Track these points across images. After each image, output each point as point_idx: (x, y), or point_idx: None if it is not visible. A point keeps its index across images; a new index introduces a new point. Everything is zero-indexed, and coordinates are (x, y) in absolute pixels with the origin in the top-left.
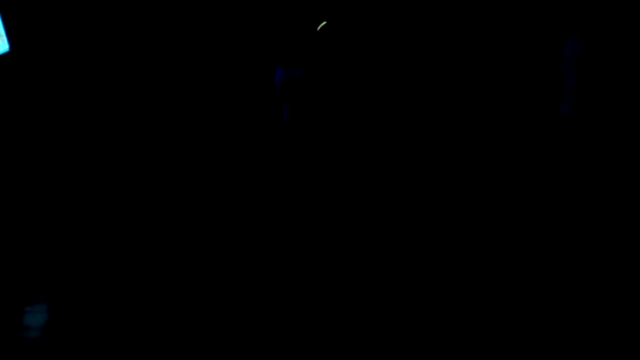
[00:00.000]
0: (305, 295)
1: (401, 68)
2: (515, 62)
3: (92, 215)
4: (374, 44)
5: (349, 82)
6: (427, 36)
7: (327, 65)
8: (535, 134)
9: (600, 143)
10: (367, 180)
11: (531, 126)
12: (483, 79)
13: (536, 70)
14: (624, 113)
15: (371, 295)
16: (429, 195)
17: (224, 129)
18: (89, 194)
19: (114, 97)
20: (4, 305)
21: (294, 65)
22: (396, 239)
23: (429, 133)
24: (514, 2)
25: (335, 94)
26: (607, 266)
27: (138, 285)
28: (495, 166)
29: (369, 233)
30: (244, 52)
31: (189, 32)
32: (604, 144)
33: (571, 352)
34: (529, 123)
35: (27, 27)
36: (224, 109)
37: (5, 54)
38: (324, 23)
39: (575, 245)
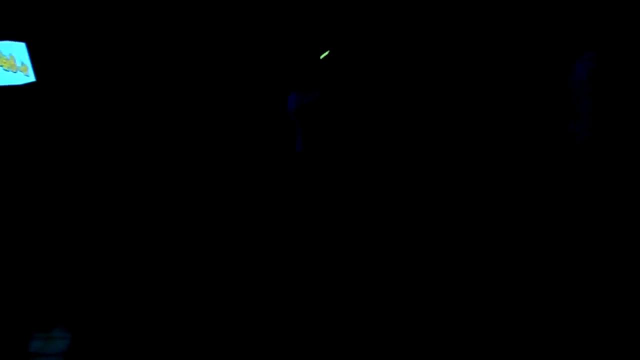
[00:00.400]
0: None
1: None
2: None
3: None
4: (385, 67)
5: (365, 105)
6: (437, 62)
7: (341, 89)
8: (544, 160)
9: (614, 169)
10: (383, 214)
11: (540, 152)
12: (497, 106)
13: (545, 91)
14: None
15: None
16: (439, 225)
17: (235, 160)
18: (106, 212)
19: (136, 130)
20: (18, 332)
21: (306, 90)
22: (407, 270)
23: (446, 159)
24: (521, 23)
25: (351, 119)
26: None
27: (164, 305)
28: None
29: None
30: (259, 79)
31: (208, 64)
32: (617, 170)
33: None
34: (536, 149)
35: (52, 60)
36: (236, 138)
37: (31, 84)
38: (327, 52)
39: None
